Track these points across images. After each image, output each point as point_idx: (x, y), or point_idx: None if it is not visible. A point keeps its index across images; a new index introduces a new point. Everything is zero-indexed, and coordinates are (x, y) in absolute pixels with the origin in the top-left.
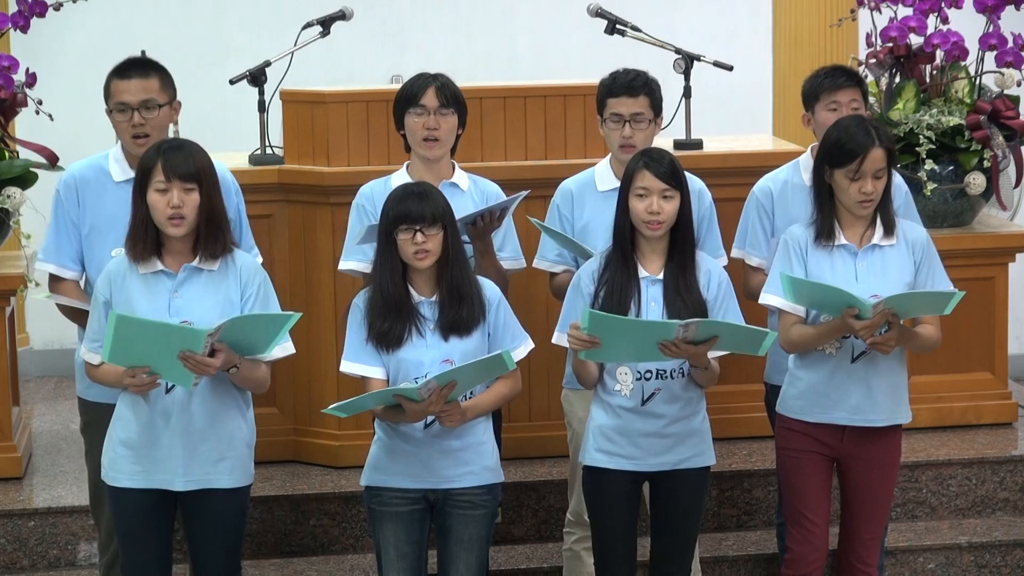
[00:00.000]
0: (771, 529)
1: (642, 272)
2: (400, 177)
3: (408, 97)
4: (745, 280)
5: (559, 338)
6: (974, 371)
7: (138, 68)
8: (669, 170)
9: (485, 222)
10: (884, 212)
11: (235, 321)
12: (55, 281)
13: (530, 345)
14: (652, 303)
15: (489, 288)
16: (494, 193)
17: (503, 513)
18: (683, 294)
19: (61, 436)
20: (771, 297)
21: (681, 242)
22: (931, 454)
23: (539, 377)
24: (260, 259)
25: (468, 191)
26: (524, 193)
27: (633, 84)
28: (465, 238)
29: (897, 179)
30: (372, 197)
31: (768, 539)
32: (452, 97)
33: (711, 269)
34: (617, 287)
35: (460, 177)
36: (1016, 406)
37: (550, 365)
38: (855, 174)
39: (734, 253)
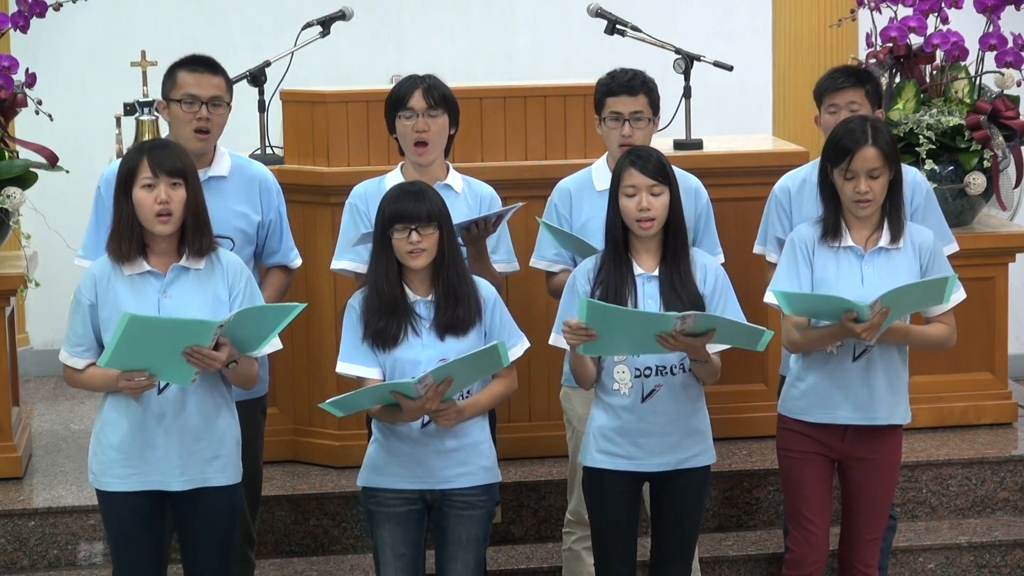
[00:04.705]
0: (771, 529)
1: (637, 269)
2: (394, 177)
3: (396, 100)
4: (768, 277)
5: (556, 339)
6: (974, 371)
7: (207, 65)
8: (656, 166)
9: (479, 229)
10: (893, 216)
11: (247, 312)
12: None
13: (526, 344)
14: (649, 300)
15: (485, 288)
16: (488, 195)
17: (503, 513)
18: (679, 290)
19: (61, 436)
20: (774, 296)
21: (674, 238)
22: (931, 454)
23: (539, 377)
24: (299, 261)
25: (462, 193)
26: (519, 204)
27: (632, 83)
28: (460, 241)
29: (919, 178)
30: (365, 197)
31: (768, 539)
32: (440, 98)
33: (707, 264)
34: (613, 285)
35: (454, 179)
36: (1016, 406)
37: (550, 365)
38: (847, 172)
39: (756, 250)
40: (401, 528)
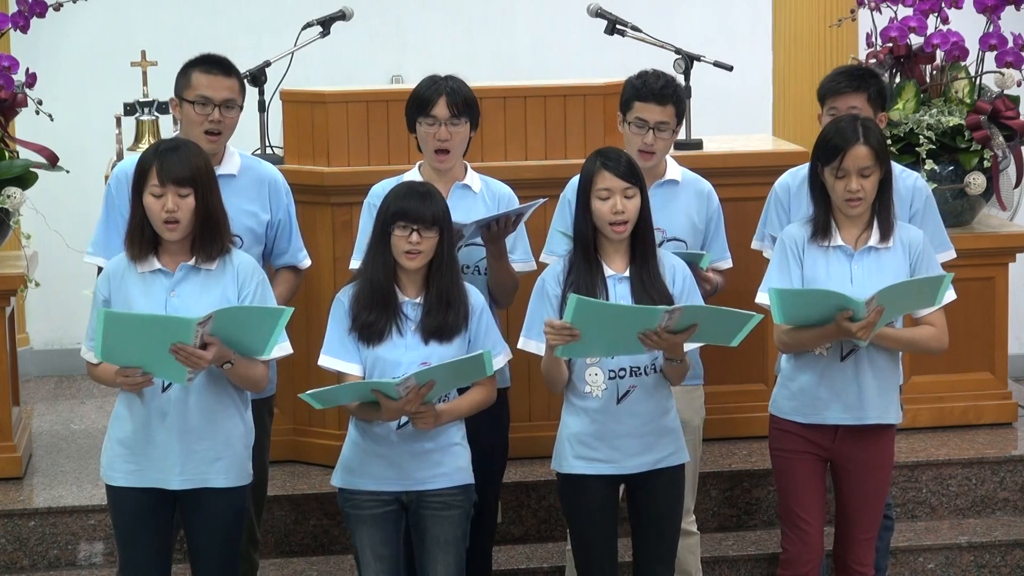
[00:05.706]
0: (771, 529)
1: (607, 270)
2: (412, 177)
3: (419, 104)
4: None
5: (525, 343)
6: (974, 371)
7: (222, 66)
8: (627, 168)
9: (500, 227)
10: (882, 215)
11: (226, 311)
12: None
13: (508, 356)
14: (621, 300)
15: (474, 295)
16: (506, 195)
17: (503, 513)
18: (650, 290)
19: (61, 436)
20: (767, 296)
21: (642, 239)
22: (931, 454)
23: (539, 377)
24: (309, 262)
25: (480, 193)
26: (541, 201)
27: (664, 92)
28: (478, 240)
29: (920, 183)
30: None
31: (768, 539)
32: (463, 105)
33: (674, 264)
34: (585, 286)
35: (472, 178)
36: (1016, 406)
37: None
38: (838, 171)
39: (754, 245)
40: (379, 529)
